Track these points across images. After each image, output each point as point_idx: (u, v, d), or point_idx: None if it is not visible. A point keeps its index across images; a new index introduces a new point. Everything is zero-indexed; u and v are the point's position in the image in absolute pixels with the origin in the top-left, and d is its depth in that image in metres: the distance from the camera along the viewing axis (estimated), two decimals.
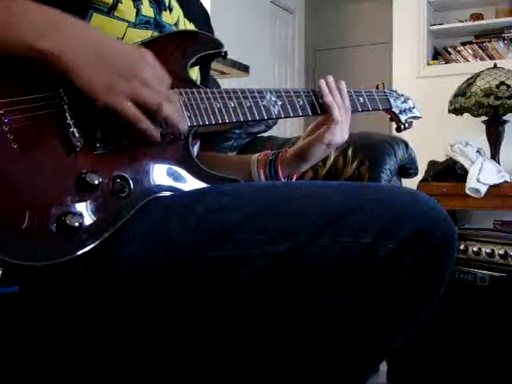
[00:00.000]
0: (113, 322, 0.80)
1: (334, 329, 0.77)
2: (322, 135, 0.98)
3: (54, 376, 0.80)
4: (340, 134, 0.98)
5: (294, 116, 0.96)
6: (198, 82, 1.03)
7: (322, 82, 0.98)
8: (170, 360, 0.84)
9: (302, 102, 0.97)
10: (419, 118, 1.18)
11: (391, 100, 1.12)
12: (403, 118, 1.13)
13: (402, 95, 1.17)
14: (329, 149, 1.00)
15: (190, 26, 1.02)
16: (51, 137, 0.72)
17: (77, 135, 0.73)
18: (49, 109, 0.72)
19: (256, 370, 0.78)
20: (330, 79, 0.99)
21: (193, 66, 0.93)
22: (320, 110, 0.99)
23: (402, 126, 1.14)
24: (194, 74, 0.99)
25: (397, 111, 1.13)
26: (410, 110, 1.16)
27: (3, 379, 0.77)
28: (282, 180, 1.01)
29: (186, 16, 1.02)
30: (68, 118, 0.73)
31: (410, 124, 1.16)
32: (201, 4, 1.14)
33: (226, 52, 0.95)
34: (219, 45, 0.94)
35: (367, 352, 0.79)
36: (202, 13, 1.12)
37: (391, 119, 1.15)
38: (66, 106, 0.73)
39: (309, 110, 0.98)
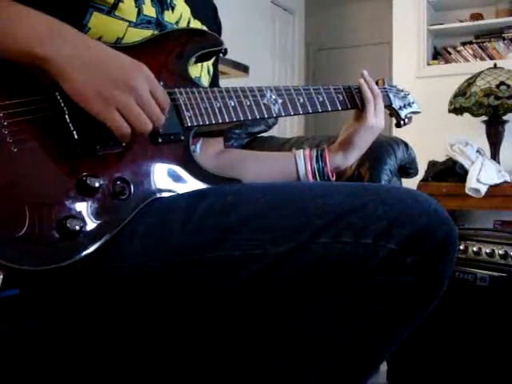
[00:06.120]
0: (113, 323, 0.80)
1: (334, 328, 0.77)
2: (366, 119, 1.01)
3: (55, 376, 0.80)
4: (380, 117, 1.03)
5: (294, 114, 0.96)
6: (207, 82, 1.03)
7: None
8: (170, 360, 0.84)
9: (302, 100, 0.97)
10: (419, 112, 1.18)
11: (391, 96, 1.12)
12: (403, 113, 1.13)
13: (402, 90, 1.17)
14: (373, 133, 1.03)
15: (196, 24, 1.01)
16: (51, 139, 0.72)
17: (76, 137, 0.73)
18: (48, 111, 0.72)
19: (256, 370, 0.78)
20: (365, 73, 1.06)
21: (196, 63, 0.92)
22: (320, 107, 0.99)
23: (402, 122, 1.14)
24: (197, 71, 0.99)
25: (397, 107, 1.12)
26: (409, 105, 1.16)
27: (3, 379, 0.76)
28: (330, 174, 1.02)
29: (192, 13, 1.00)
30: (67, 120, 0.73)
31: (410, 119, 1.16)
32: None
33: (226, 49, 0.95)
34: (219, 42, 0.94)
35: (367, 352, 0.79)
36: (209, 8, 1.11)
37: (391, 115, 1.15)
38: (65, 109, 0.73)
39: (309, 108, 0.98)
